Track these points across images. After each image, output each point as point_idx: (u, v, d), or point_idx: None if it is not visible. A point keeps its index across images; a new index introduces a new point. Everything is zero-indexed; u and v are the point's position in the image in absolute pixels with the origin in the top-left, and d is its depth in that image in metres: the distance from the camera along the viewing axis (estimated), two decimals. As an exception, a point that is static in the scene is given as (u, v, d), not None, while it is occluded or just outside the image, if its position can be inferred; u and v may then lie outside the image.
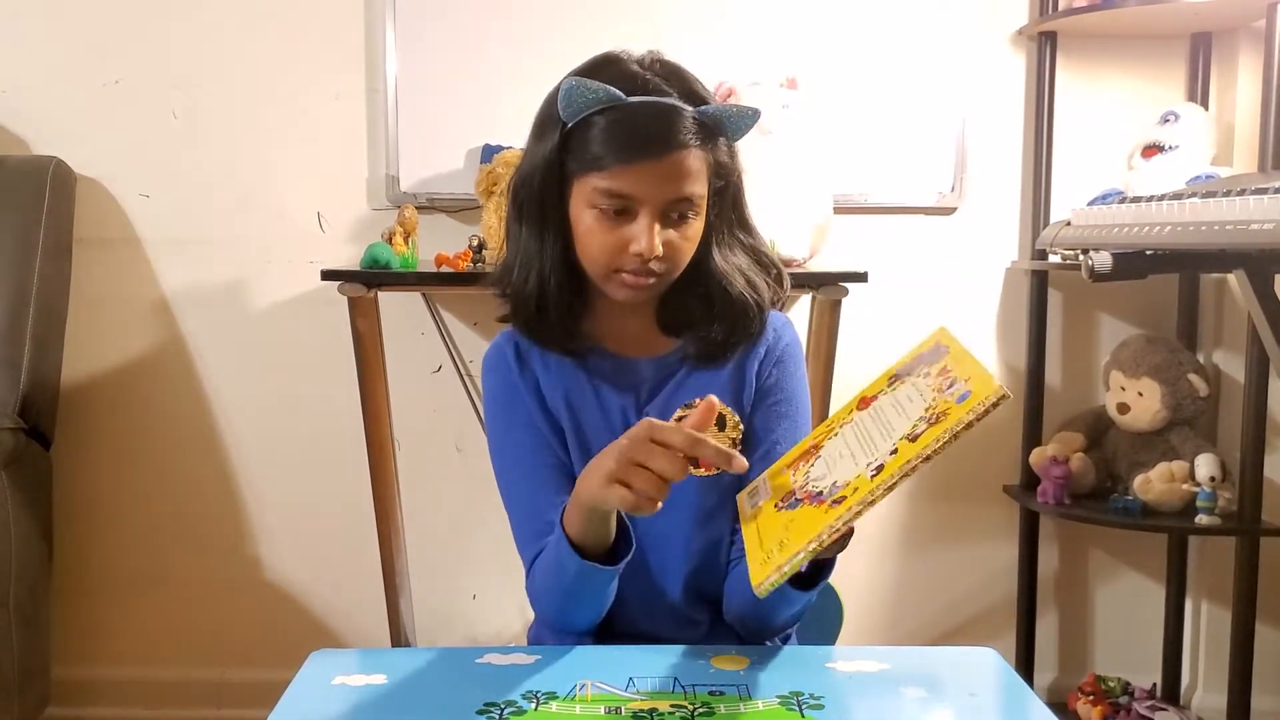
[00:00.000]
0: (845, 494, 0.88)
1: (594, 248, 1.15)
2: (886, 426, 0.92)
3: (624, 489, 0.95)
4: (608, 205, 1.12)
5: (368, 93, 2.28)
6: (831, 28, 2.25)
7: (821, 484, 0.92)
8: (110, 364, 2.35)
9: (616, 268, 1.15)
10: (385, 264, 1.91)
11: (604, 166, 1.11)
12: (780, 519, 0.93)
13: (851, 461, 0.92)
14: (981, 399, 0.84)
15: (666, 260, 1.14)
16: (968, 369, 0.90)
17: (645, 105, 1.12)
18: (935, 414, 0.87)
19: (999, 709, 1.01)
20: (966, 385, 0.87)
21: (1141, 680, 2.26)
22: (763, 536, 0.93)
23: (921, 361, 0.97)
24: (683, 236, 1.15)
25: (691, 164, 1.12)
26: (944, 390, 0.89)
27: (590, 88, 1.10)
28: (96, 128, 2.29)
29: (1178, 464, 2.11)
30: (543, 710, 0.93)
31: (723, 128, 1.15)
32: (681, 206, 1.14)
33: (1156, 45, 2.28)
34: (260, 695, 1.21)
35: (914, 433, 0.87)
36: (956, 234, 2.33)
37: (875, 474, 0.87)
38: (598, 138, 1.11)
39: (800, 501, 0.93)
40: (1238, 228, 1.43)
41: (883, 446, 0.89)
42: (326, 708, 0.95)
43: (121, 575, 2.40)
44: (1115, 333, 2.33)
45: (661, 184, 1.11)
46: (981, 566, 2.41)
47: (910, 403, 0.92)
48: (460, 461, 2.34)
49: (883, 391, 0.98)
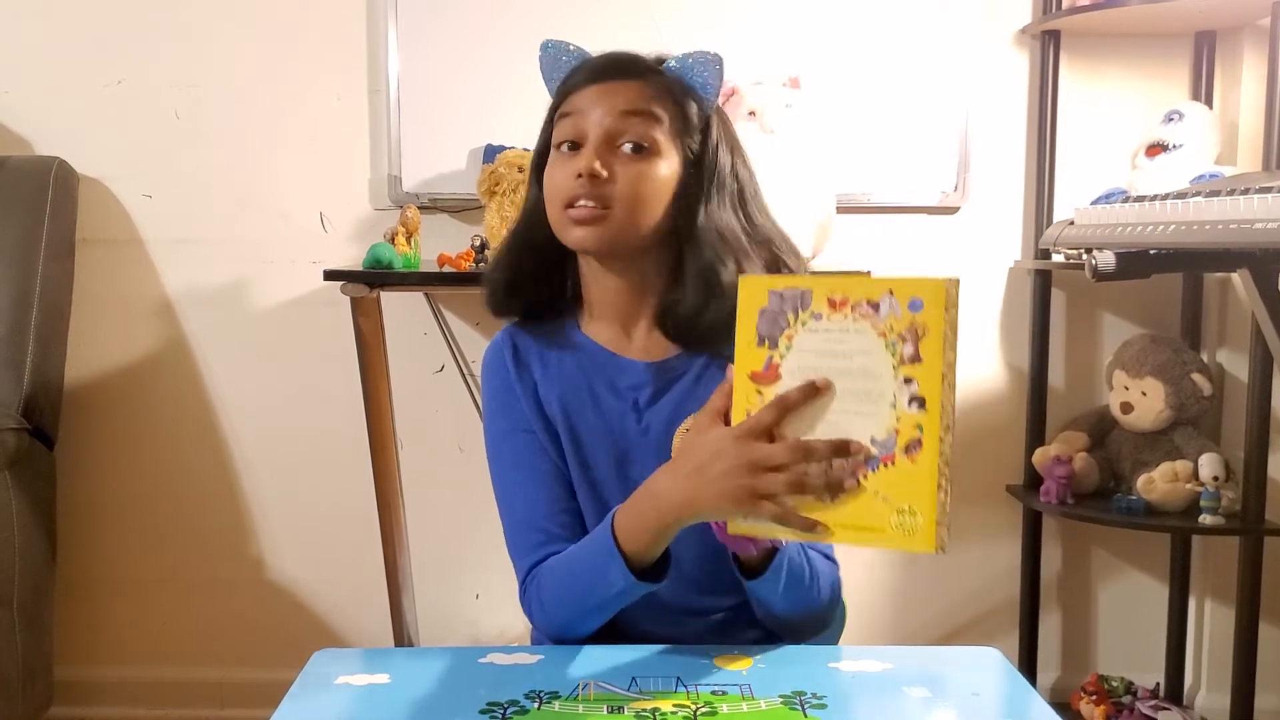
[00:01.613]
0: (912, 438, 0.86)
1: (550, 186, 1.16)
2: (845, 358, 0.89)
3: (771, 504, 0.92)
4: (561, 136, 1.15)
5: (370, 93, 2.28)
6: (834, 27, 2.24)
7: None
8: (113, 364, 2.36)
9: (566, 202, 1.13)
10: (388, 264, 1.91)
11: (563, 98, 1.16)
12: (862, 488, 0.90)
13: (855, 410, 0.89)
14: (935, 289, 0.85)
15: (611, 185, 1.12)
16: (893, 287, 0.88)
17: (610, 52, 1.19)
18: (907, 331, 0.86)
19: (1002, 709, 1.01)
20: (909, 297, 0.87)
21: (1145, 680, 2.26)
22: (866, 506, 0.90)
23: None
24: (637, 172, 1.13)
25: (640, 94, 1.14)
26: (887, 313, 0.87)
27: (563, 46, 1.19)
28: (99, 128, 2.30)
29: (1181, 463, 2.11)
30: (546, 710, 0.93)
31: (687, 75, 1.17)
32: (629, 134, 1.13)
33: (1160, 44, 2.27)
34: (263, 695, 1.21)
35: (905, 355, 0.86)
36: (959, 233, 2.33)
37: (920, 408, 0.86)
38: (565, 82, 1.17)
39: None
40: (1242, 227, 1.42)
41: (878, 384, 0.88)
42: (330, 707, 0.95)
43: (125, 575, 2.40)
44: (1119, 332, 2.33)
45: (607, 101, 1.14)
46: (984, 566, 2.41)
47: (851, 335, 0.89)
48: (463, 461, 2.34)
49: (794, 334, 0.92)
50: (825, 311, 0.89)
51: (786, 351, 0.91)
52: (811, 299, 0.89)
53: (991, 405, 2.37)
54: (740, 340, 0.92)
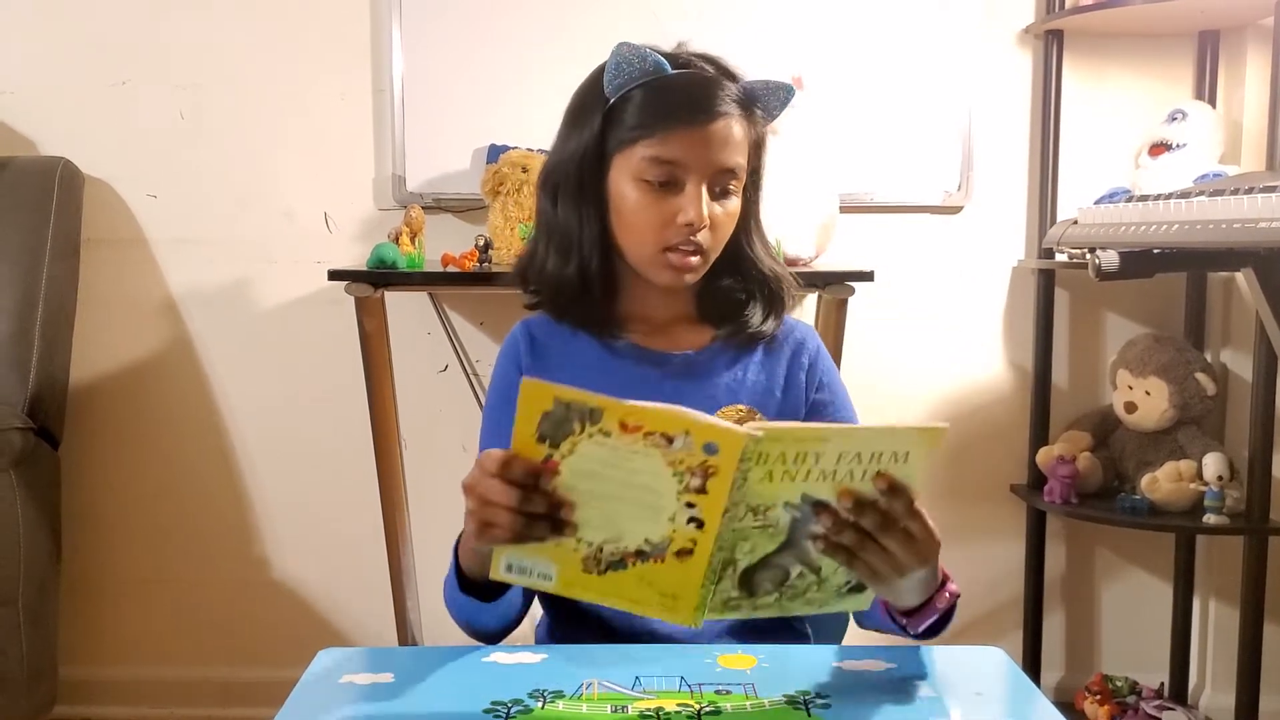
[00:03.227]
0: (685, 547, 0.87)
1: (640, 224, 1.14)
2: (629, 473, 0.86)
3: (477, 524, 0.93)
4: (654, 175, 1.12)
5: (374, 93, 2.29)
6: (838, 26, 2.24)
7: (615, 541, 0.89)
8: (118, 364, 2.36)
9: (664, 245, 1.13)
10: (392, 264, 1.91)
11: (652, 134, 1.11)
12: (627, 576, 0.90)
13: (632, 514, 0.88)
14: (734, 442, 0.82)
15: (712, 234, 1.14)
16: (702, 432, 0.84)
17: (688, 75, 1.14)
18: (698, 467, 0.84)
19: (1006, 708, 1.01)
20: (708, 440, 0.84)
21: (1149, 680, 2.26)
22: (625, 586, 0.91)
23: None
24: (726, 213, 1.15)
25: (736, 133, 1.13)
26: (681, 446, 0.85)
27: (641, 53, 1.11)
28: (104, 129, 2.30)
29: (1185, 463, 2.11)
30: (549, 709, 0.93)
31: (760, 102, 1.16)
32: (725, 179, 1.14)
33: (1164, 43, 2.27)
34: (268, 694, 1.21)
35: (692, 487, 0.85)
36: (963, 233, 2.33)
37: (698, 527, 0.86)
38: (644, 107, 1.12)
39: (625, 561, 0.90)
40: (1245, 226, 1.42)
41: (659, 500, 0.86)
42: (334, 707, 0.95)
43: (129, 574, 2.40)
44: (1122, 331, 2.33)
45: (708, 150, 1.12)
46: (988, 566, 2.41)
47: (639, 458, 0.85)
48: (467, 461, 2.31)
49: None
50: (615, 431, 0.85)
51: (569, 453, 0.87)
52: (602, 417, 0.84)
53: (995, 405, 2.37)
54: (519, 434, 0.88)
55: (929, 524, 0.92)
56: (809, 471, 0.86)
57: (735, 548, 0.88)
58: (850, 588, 0.94)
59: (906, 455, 0.87)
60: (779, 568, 0.91)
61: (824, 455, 0.85)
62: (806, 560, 0.92)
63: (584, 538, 0.90)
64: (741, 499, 0.85)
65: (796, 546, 0.91)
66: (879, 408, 2.30)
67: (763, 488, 0.85)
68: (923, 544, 0.92)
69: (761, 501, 0.86)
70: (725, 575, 0.89)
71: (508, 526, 0.89)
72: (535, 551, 0.91)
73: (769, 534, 0.89)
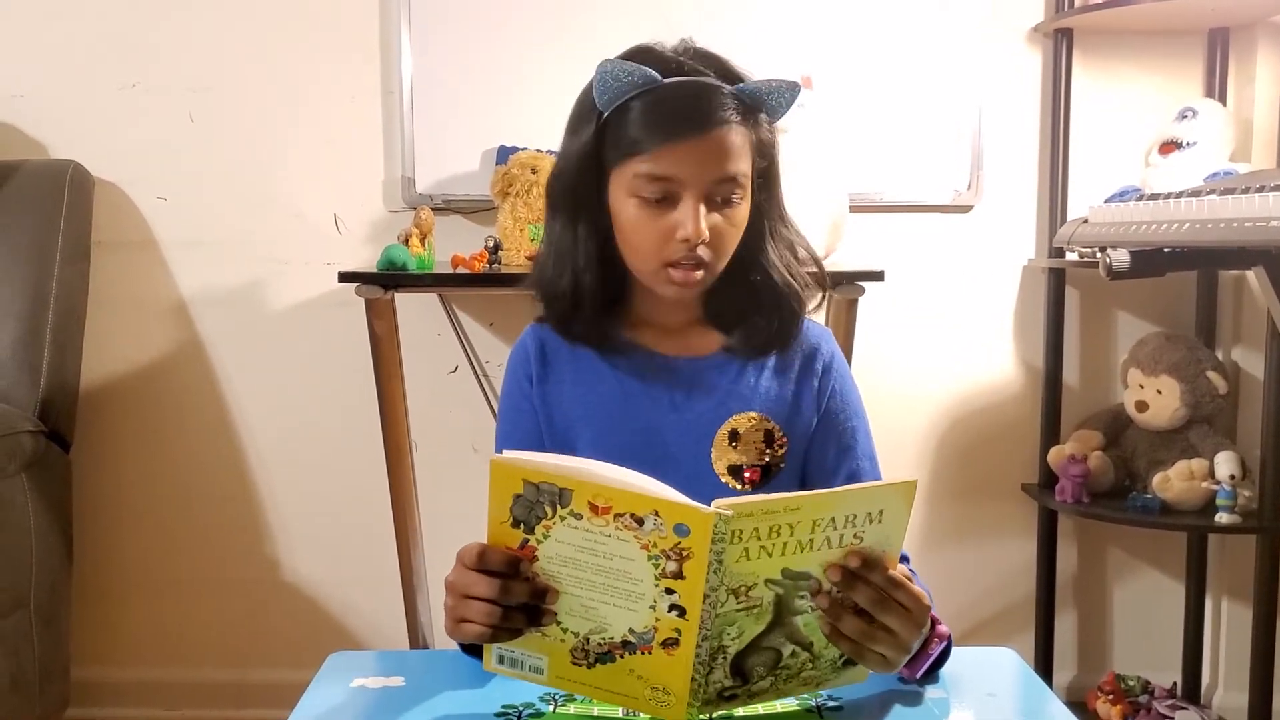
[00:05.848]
0: (670, 637, 0.86)
1: (638, 240, 1.12)
2: (606, 558, 0.86)
3: (461, 623, 0.91)
4: (650, 192, 1.09)
5: (383, 94, 2.29)
6: (846, 26, 2.24)
7: (600, 631, 0.88)
8: (129, 366, 2.37)
9: (664, 260, 1.11)
10: (402, 265, 1.91)
11: (644, 150, 1.08)
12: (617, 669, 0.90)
13: (614, 603, 0.87)
14: (703, 522, 0.81)
15: (713, 247, 1.11)
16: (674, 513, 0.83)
17: (682, 84, 1.10)
18: (671, 550, 0.83)
19: (1018, 708, 1.01)
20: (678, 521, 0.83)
21: (1161, 679, 2.25)
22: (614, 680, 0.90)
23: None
24: (729, 221, 1.12)
25: (734, 141, 1.10)
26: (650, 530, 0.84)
27: (625, 69, 1.08)
28: (114, 131, 2.31)
29: (1197, 462, 2.10)
30: (560, 712, 0.93)
31: (763, 104, 1.13)
32: (726, 188, 1.11)
33: (1173, 41, 2.26)
34: (279, 696, 1.22)
35: (669, 571, 0.83)
36: (973, 232, 2.32)
37: (680, 615, 0.85)
38: (636, 121, 1.09)
39: (612, 653, 0.89)
40: (1256, 224, 1.42)
41: (638, 586, 0.85)
42: (345, 709, 0.96)
43: (141, 576, 2.41)
44: (1133, 330, 2.32)
45: (704, 163, 1.09)
46: (1000, 565, 2.41)
47: (613, 541, 0.85)
48: (477, 462, 2.34)
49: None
50: (586, 513, 0.84)
51: (544, 538, 0.86)
52: (571, 499, 0.84)
53: (1006, 404, 2.37)
54: (492, 518, 0.87)
55: (913, 589, 0.90)
56: (785, 545, 0.84)
57: (722, 634, 0.86)
58: (845, 660, 0.92)
59: (881, 514, 0.86)
60: (770, 650, 0.89)
61: (798, 525, 0.83)
62: (797, 638, 0.90)
63: (567, 626, 0.89)
64: (720, 582, 0.83)
65: (785, 625, 0.89)
66: (890, 408, 2.30)
67: (740, 567, 0.84)
68: (915, 613, 0.90)
69: (742, 582, 0.85)
70: (716, 665, 0.88)
71: (484, 621, 0.89)
72: (525, 643, 0.91)
73: (754, 615, 0.87)
